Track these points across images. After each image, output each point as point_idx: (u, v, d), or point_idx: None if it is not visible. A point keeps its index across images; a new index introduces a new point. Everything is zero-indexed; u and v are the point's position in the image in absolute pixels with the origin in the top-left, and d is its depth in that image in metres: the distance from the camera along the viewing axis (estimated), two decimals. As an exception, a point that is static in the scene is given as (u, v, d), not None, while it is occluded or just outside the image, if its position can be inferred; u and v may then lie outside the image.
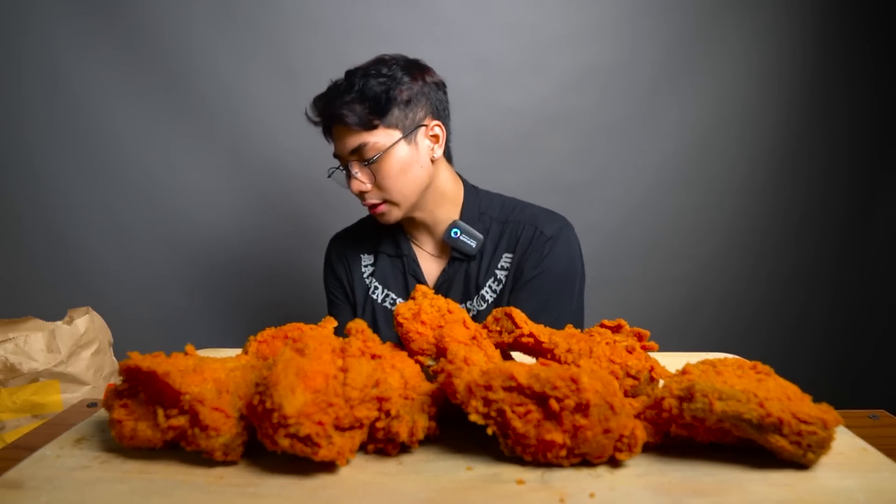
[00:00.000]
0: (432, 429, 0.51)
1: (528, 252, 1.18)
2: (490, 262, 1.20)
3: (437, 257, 1.25)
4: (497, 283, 1.19)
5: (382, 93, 1.09)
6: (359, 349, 0.51)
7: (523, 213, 1.22)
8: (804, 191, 2.03)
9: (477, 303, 1.20)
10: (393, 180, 1.13)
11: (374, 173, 1.12)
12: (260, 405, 0.45)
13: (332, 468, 0.47)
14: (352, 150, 1.10)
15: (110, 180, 1.91)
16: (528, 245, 1.18)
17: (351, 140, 1.10)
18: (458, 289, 1.21)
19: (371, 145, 1.10)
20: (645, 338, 0.61)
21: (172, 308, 1.96)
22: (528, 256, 1.18)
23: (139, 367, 0.48)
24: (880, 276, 2.03)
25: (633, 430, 0.47)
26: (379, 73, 1.11)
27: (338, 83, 1.13)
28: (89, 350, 1.43)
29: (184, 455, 0.49)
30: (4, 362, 1.32)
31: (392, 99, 1.10)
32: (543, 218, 1.21)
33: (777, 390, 0.48)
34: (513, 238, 1.20)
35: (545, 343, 0.58)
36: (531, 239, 1.18)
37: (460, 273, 1.21)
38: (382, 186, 1.13)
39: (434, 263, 1.25)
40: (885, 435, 0.56)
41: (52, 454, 0.50)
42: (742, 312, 2.09)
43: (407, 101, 1.11)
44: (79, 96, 1.85)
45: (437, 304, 0.60)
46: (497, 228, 1.22)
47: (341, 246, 1.34)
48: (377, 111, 1.09)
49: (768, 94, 1.97)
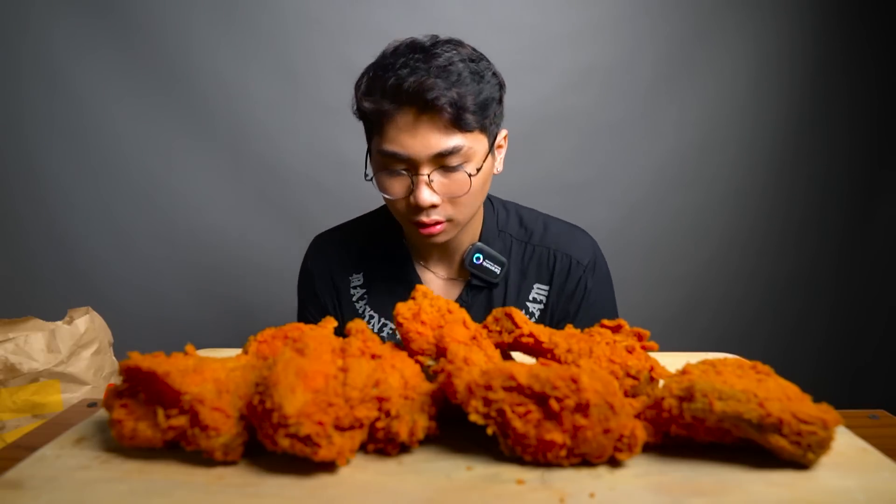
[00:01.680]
0: (432, 429, 0.51)
1: (566, 286, 1.06)
2: (519, 292, 1.06)
3: (449, 282, 1.08)
4: (529, 318, 1.05)
5: (496, 87, 0.90)
6: (359, 349, 0.51)
7: (547, 234, 1.08)
8: (804, 191, 2.03)
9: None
10: (474, 196, 0.93)
11: (454, 185, 0.90)
12: (260, 405, 0.45)
13: (332, 468, 0.47)
14: (439, 153, 0.87)
15: (110, 180, 1.91)
16: (566, 279, 1.05)
17: (441, 139, 0.86)
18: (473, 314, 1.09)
19: (466, 150, 0.88)
20: (645, 338, 0.61)
21: (172, 308, 1.96)
22: (568, 292, 1.06)
23: (139, 367, 0.48)
24: (880, 277, 2.03)
25: (633, 430, 0.47)
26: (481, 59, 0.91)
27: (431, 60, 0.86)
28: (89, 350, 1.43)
29: (184, 455, 0.49)
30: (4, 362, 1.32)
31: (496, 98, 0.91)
32: (570, 241, 1.08)
33: (777, 390, 0.48)
34: (543, 267, 1.06)
35: (545, 343, 0.58)
36: (567, 271, 1.05)
37: (479, 301, 1.05)
38: (459, 202, 0.92)
39: (446, 290, 1.08)
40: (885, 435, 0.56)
41: (52, 454, 0.50)
42: (742, 312, 2.08)
43: (499, 101, 0.93)
44: (79, 96, 1.84)
45: (438, 304, 0.60)
46: (519, 250, 1.07)
47: (325, 260, 1.12)
48: (483, 109, 0.88)
49: (768, 94, 1.97)
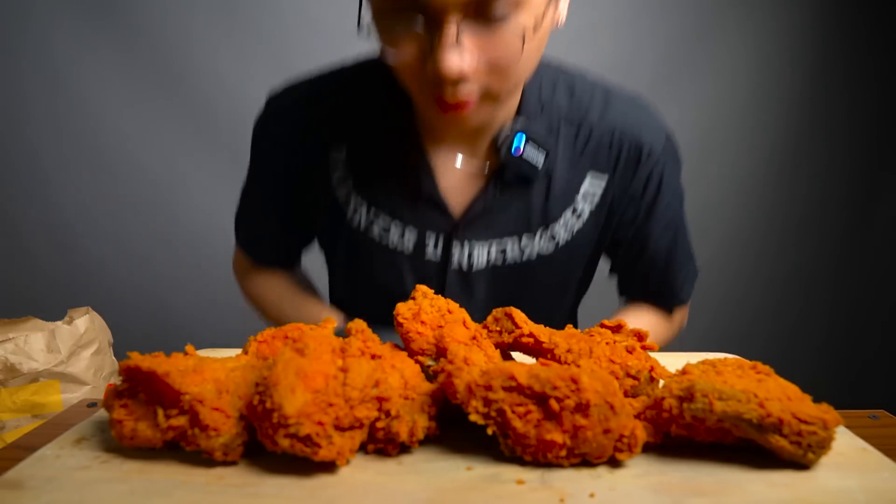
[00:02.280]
0: (432, 429, 0.51)
1: (633, 181, 0.83)
2: (566, 187, 0.81)
3: (468, 172, 0.82)
4: (576, 218, 0.83)
5: None
6: (359, 349, 0.51)
7: (608, 112, 0.82)
8: (804, 191, 2.03)
9: (542, 242, 0.83)
10: (525, 62, 0.66)
11: (496, 45, 0.63)
12: (260, 405, 0.45)
13: (332, 468, 0.47)
14: None
15: (111, 180, 1.91)
16: (634, 171, 0.82)
17: None
18: (505, 221, 0.82)
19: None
20: (645, 338, 0.61)
21: (172, 308, 1.96)
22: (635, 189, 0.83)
23: (139, 367, 0.48)
24: (880, 276, 2.03)
25: (633, 430, 0.47)
26: None
27: None
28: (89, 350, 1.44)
29: (184, 455, 0.49)
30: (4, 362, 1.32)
31: None
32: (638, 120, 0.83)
33: (777, 390, 0.48)
34: (602, 155, 0.81)
35: (545, 343, 0.58)
36: (637, 162, 0.82)
37: (511, 200, 0.81)
38: (502, 70, 0.65)
39: (464, 183, 0.82)
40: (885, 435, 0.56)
41: (52, 454, 0.50)
42: (742, 312, 2.08)
43: None
44: (79, 96, 1.85)
45: (438, 304, 0.60)
46: (569, 132, 0.80)
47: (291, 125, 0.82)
48: None
49: (768, 94, 1.97)
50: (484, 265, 0.86)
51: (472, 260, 0.85)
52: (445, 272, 0.86)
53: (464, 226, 0.82)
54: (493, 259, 0.85)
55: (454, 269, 0.86)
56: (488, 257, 0.85)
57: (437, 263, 0.86)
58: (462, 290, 0.87)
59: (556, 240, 0.84)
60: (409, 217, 0.83)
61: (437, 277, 0.87)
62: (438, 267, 0.87)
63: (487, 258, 0.85)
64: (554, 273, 0.88)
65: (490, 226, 0.82)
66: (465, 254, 0.85)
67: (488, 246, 0.85)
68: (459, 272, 0.86)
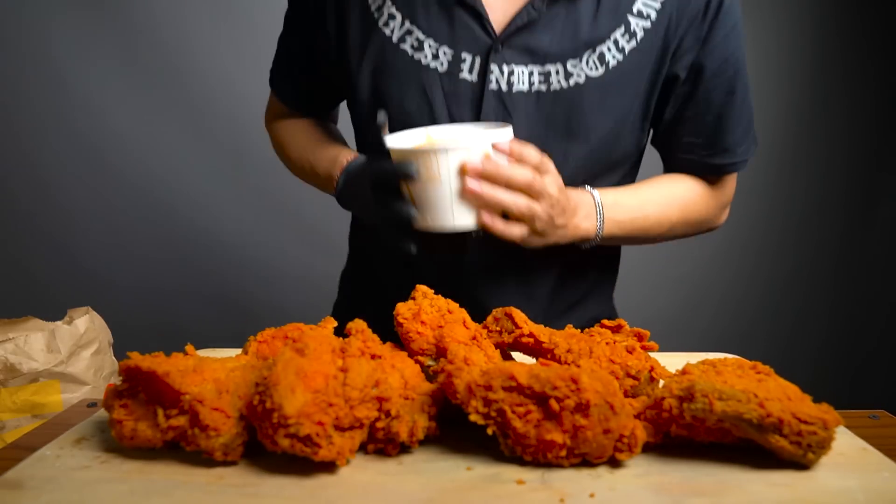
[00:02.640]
0: (432, 429, 0.51)
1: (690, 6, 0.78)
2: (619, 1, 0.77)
3: None
4: (629, 38, 0.77)
5: None
6: (359, 349, 0.51)
7: None
8: (804, 191, 2.03)
9: (589, 64, 0.77)
10: None
11: None
12: (260, 405, 0.45)
13: (332, 468, 0.47)
14: None
15: (110, 180, 1.91)
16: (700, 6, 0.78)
17: None
18: (550, 39, 0.77)
19: None
20: (645, 338, 0.61)
21: (172, 308, 1.96)
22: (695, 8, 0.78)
23: (139, 367, 0.48)
24: (880, 276, 2.03)
25: (633, 430, 0.47)
26: None
27: None
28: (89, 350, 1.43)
29: (184, 455, 0.49)
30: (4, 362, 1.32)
31: None
32: None
33: (777, 390, 0.48)
34: None
35: (545, 343, 0.58)
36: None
37: (557, 13, 0.76)
38: None
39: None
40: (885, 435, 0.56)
41: (52, 454, 0.50)
42: (742, 312, 2.08)
43: None
44: (79, 96, 1.84)
45: (438, 304, 0.60)
46: None
47: None
48: None
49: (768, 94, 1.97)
50: (526, 88, 0.78)
51: (513, 80, 0.78)
52: (482, 94, 0.78)
53: (504, 42, 0.77)
54: (535, 84, 0.78)
55: (492, 89, 0.78)
56: (530, 80, 0.78)
57: (474, 84, 0.79)
58: (501, 116, 0.79)
59: (606, 61, 0.77)
60: (444, 34, 0.78)
61: (472, 100, 0.79)
62: (474, 88, 0.79)
63: (530, 81, 0.78)
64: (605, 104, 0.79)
65: (532, 47, 0.77)
66: (505, 75, 0.78)
67: (530, 70, 0.78)
68: (498, 94, 0.78)
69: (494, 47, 0.77)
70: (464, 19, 0.78)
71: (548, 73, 0.78)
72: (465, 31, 0.78)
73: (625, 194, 0.84)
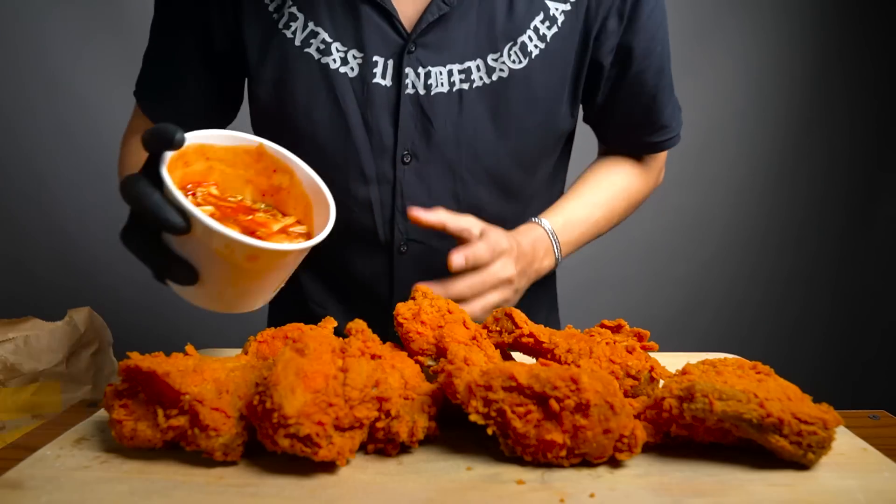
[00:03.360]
0: (432, 429, 0.51)
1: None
2: None
3: None
4: (549, 24, 0.74)
5: None
6: (359, 349, 0.51)
7: None
8: (804, 191, 2.03)
9: (511, 57, 0.73)
10: None
11: None
12: (260, 405, 0.45)
13: (332, 468, 0.47)
14: None
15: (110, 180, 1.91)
16: None
17: None
18: (466, 34, 0.73)
19: None
20: (645, 338, 0.61)
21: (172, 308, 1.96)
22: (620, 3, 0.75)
23: (139, 367, 0.48)
24: (880, 277, 2.03)
25: (633, 430, 0.47)
26: None
27: None
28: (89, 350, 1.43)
29: (184, 455, 0.49)
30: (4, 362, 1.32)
31: None
32: None
33: (777, 390, 0.48)
34: None
35: (545, 343, 0.58)
36: None
37: (470, 5, 0.72)
38: None
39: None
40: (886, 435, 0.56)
41: (52, 454, 0.50)
42: (742, 312, 2.08)
43: None
44: (79, 96, 1.84)
45: (437, 304, 0.60)
46: None
47: None
48: None
49: (768, 94, 1.97)
50: (446, 89, 0.73)
51: (430, 83, 0.73)
52: (398, 99, 0.73)
53: (417, 42, 0.72)
54: (456, 84, 0.73)
55: (409, 94, 0.73)
56: (450, 80, 0.73)
57: (388, 88, 0.73)
58: (420, 122, 0.74)
59: (529, 52, 0.74)
60: (351, 36, 0.72)
61: (389, 106, 0.74)
62: (390, 93, 0.73)
63: (450, 81, 0.73)
64: (532, 94, 0.75)
65: (447, 44, 0.72)
66: (422, 77, 0.73)
67: (448, 69, 0.73)
68: (416, 98, 0.73)
69: (407, 48, 0.72)
70: (371, 18, 0.72)
71: (468, 71, 0.74)
72: (374, 32, 0.72)
73: (572, 207, 0.85)
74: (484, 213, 0.75)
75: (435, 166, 0.77)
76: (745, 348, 0.87)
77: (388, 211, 0.79)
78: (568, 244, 0.82)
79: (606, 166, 0.91)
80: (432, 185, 0.78)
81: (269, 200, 0.60)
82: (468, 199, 0.80)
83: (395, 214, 0.79)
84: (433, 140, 0.76)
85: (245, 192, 0.60)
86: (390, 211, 0.79)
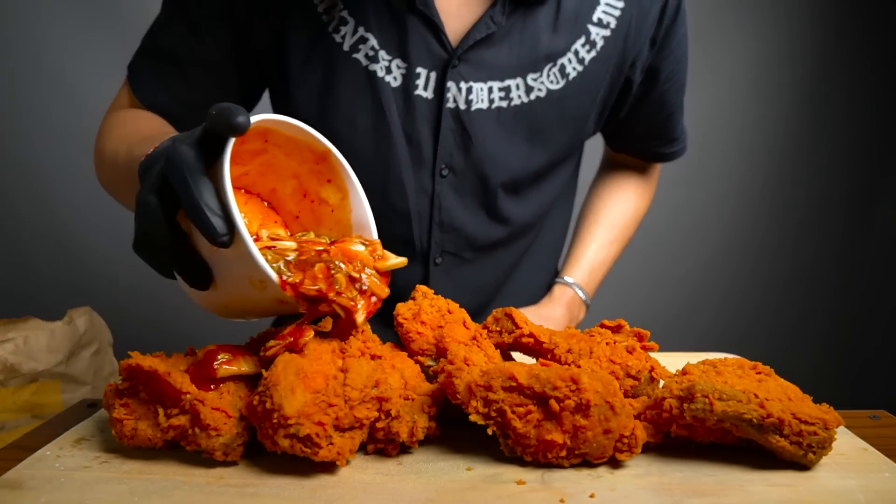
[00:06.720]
0: (432, 429, 0.51)
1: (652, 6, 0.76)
2: (579, 9, 0.74)
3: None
4: (589, 48, 0.75)
5: None
6: (359, 349, 0.51)
7: None
8: (804, 191, 2.03)
9: (550, 77, 0.75)
10: None
11: None
12: (260, 405, 0.45)
13: (332, 468, 0.47)
14: None
15: (110, 180, 1.91)
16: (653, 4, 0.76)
17: None
18: (509, 52, 0.73)
19: None
20: (645, 338, 0.61)
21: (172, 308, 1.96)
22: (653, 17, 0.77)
23: (140, 367, 0.48)
24: (880, 277, 2.03)
25: (633, 430, 0.47)
26: None
27: None
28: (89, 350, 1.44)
29: (184, 455, 0.49)
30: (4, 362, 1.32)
31: None
32: None
33: (777, 391, 0.48)
34: None
35: (545, 343, 0.58)
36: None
37: (514, 24, 0.72)
38: None
39: (468, 3, 0.73)
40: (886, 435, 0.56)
41: (52, 454, 0.50)
42: (742, 312, 2.08)
43: None
44: (79, 96, 1.84)
45: (438, 304, 0.60)
46: None
47: None
48: None
49: (768, 94, 1.97)
50: (486, 105, 0.74)
51: (471, 98, 0.74)
52: (440, 112, 0.75)
53: (461, 57, 0.72)
54: (496, 101, 0.75)
55: (450, 108, 0.74)
56: (490, 96, 0.74)
57: (430, 101, 0.74)
58: (460, 136, 0.76)
59: (567, 73, 0.75)
60: (396, 45, 0.72)
61: (429, 119, 0.75)
62: (431, 105, 0.75)
63: (489, 98, 0.74)
64: (565, 114, 0.78)
65: (491, 62, 0.73)
66: (463, 92, 0.74)
67: (489, 86, 0.74)
68: (456, 112, 0.75)
69: (451, 63, 0.73)
70: (418, 29, 0.71)
71: (508, 89, 0.75)
72: (419, 44, 0.72)
73: (592, 254, 0.94)
74: (511, 224, 0.84)
75: (470, 180, 0.79)
76: (745, 348, 0.87)
77: (425, 222, 0.80)
78: (591, 287, 0.93)
79: (615, 193, 0.98)
80: (466, 199, 0.81)
81: (305, 206, 0.57)
82: (499, 212, 0.83)
83: (432, 226, 0.81)
84: (471, 155, 0.77)
85: (286, 186, 0.57)
86: (427, 222, 0.80)
